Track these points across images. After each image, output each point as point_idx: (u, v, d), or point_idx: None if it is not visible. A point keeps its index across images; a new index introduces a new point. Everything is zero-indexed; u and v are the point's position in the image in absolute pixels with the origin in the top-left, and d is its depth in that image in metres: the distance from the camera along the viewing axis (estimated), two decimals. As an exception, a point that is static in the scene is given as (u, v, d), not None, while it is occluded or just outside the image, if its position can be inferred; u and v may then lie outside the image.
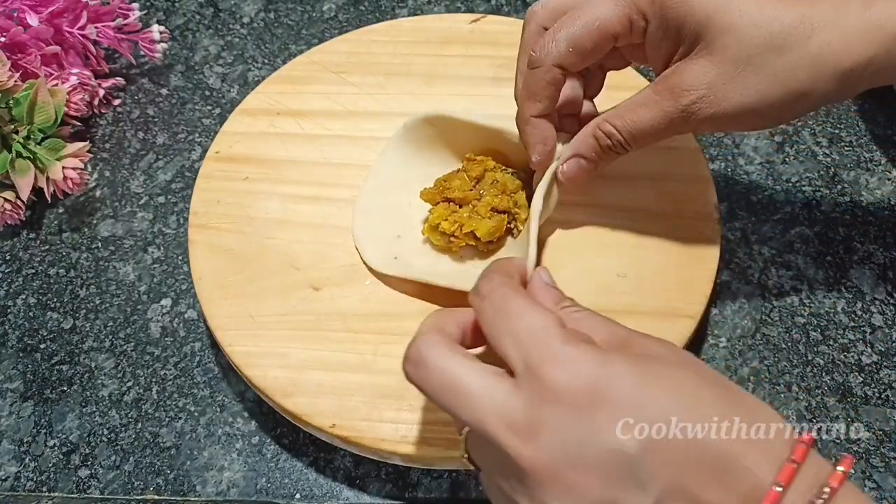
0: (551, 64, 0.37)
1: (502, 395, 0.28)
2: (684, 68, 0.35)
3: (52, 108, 0.51)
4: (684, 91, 0.35)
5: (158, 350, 0.48)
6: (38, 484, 0.44)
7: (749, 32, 0.33)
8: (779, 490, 0.26)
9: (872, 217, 0.51)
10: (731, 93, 0.34)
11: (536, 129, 0.39)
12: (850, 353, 0.46)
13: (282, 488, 0.43)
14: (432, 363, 0.29)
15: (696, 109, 0.35)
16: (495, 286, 0.31)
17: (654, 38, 0.36)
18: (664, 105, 0.36)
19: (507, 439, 0.27)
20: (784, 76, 0.34)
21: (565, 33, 0.36)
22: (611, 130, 0.38)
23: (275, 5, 0.63)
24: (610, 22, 0.36)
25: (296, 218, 0.46)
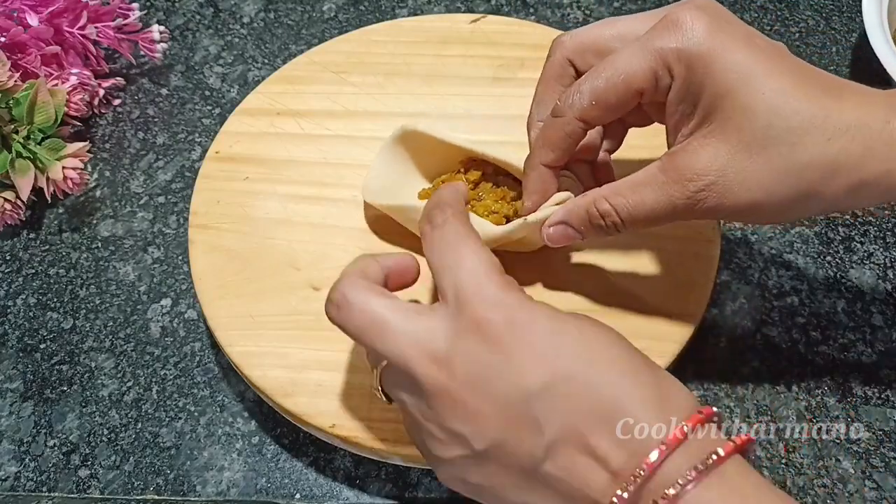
0: (573, 117, 0.35)
1: (423, 329, 0.30)
2: (696, 149, 0.33)
3: (52, 108, 0.51)
4: (694, 175, 0.33)
5: (158, 350, 0.48)
6: (38, 484, 0.44)
7: (767, 120, 0.32)
8: (663, 448, 0.27)
9: (872, 217, 0.51)
10: (738, 186, 0.32)
11: (541, 179, 0.38)
12: (850, 353, 0.46)
13: (282, 488, 0.43)
14: (355, 303, 0.31)
15: (702, 198, 0.33)
16: (448, 219, 0.32)
17: (675, 97, 0.34)
18: (670, 189, 0.34)
19: (424, 367, 0.29)
20: (796, 174, 0.32)
21: (589, 86, 0.35)
22: (607, 210, 0.36)
23: (275, 5, 0.63)
24: (636, 77, 0.34)
25: (296, 218, 0.46)
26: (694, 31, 0.33)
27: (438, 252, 0.32)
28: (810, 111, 0.31)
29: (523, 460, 0.29)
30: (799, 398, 0.45)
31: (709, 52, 0.32)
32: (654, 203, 0.34)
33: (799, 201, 0.32)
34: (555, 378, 0.28)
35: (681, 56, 0.33)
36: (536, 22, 0.59)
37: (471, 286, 0.30)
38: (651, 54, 0.33)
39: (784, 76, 0.32)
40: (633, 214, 0.35)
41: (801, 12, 0.61)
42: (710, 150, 0.33)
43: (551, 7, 0.62)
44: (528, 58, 0.52)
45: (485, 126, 0.49)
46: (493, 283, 0.30)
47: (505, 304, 0.30)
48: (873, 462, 0.43)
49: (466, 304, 0.30)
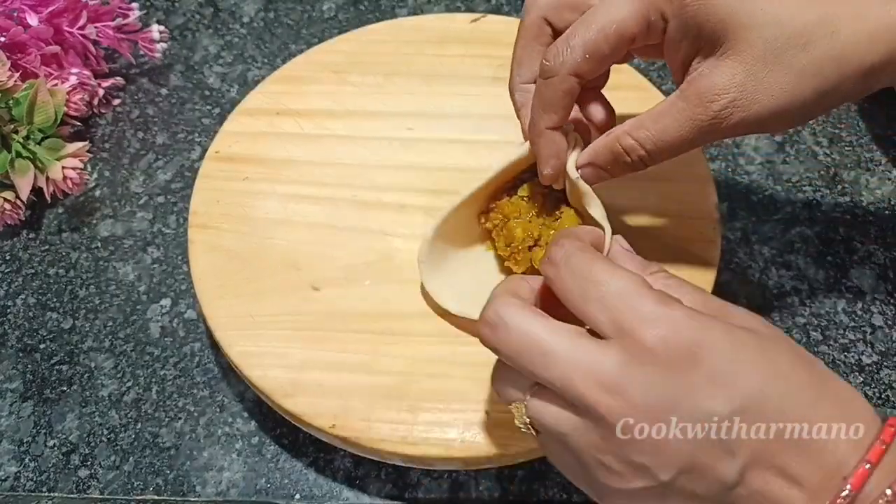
0: (567, 73, 0.35)
1: (591, 354, 0.28)
2: (711, 71, 0.33)
3: (51, 107, 0.51)
4: (715, 95, 0.33)
5: (158, 350, 0.48)
6: (37, 484, 0.44)
7: (773, 30, 0.32)
8: (867, 467, 0.26)
9: (872, 217, 0.51)
10: (761, 94, 0.33)
11: (551, 143, 0.37)
12: (850, 353, 0.46)
13: (282, 488, 0.43)
14: (513, 324, 0.29)
15: (727, 115, 0.33)
16: (570, 252, 0.31)
17: (674, 38, 0.34)
18: (693, 112, 0.33)
19: (597, 395, 0.27)
20: (812, 74, 0.32)
21: (580, 39, 0.34)
22: (632, 144, 0.35)
23: (275, 5, 0.63)
24: (626, 23, 0.34)
25: (296, 218, 0.46)
26: None
27: (575, 288, 0.30)
28: (811, 12, 0.32)
29: (713, 487, 0.27)
30: (799, 398, 0.45)
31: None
32: (678, 129, 0.34)
33: (820, 97, 0.33)
34: (743, 400, 0.27)
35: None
36: (536, 22, 0.59)
37: (626, 311, 0.28)
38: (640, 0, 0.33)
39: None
40: (659, 144, 0.34)
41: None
42: (727, 69, 0.33)
43: (551, 7, 0.62)
44: (528, 58, 0.52)
45: (484, 126, 0.49)
46: (648, 300, 0.28)
47: (670, 322, 0.28)
48: (873, 462, 0.43)
49: (629, 332, 0.28)
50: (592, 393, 0.27)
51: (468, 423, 0.39)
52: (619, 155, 0.36)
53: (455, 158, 0.48)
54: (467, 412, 0.39)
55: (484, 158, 0.48)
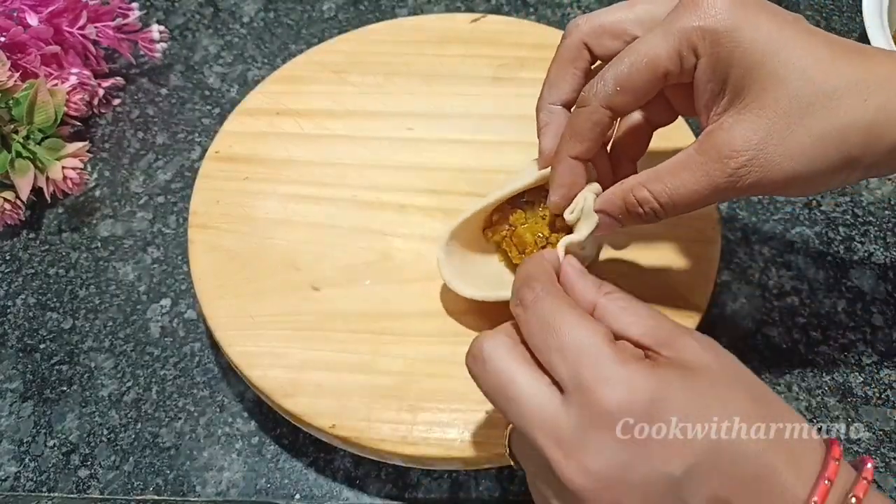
0: (598, 104, 0.34)
1: (553, 409, 0.28)
2: (732, 125, 0.32)
3: (51, 107, 0.51)
4: (733, 152, 0.32)
5: (158, 350, 0.48)
6: (37, 484, 0.44)
7: (801, 87, 0.31)
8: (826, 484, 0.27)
9: (872, 217, 0.51)
10: (781, 157, 0.31)
11: (570, 172, 0.37)
12: (850, 353, 0.46)
13: (282, 488, 0.43)
14: (490, 363, 0.30)
15: (744, 174, 0.32)
16: (539, 295, 0.31)
17: (702, 78, 0.33)
18: (710, 169, 0.32)
19: (553, 453, 0.28)
20: (837, 139, 0.31)
21: (612, 72, 0.34)
22: (646, 197, 0.34)
23: (275, 5, 0.63)
24: (659, 58, 0.33)
25: (296, 218, 0.46)
26: (715, 7, 0.32)
27: (538, 335, 0.30)
28: (843, 73, 0.31)
29: None
30: (799, 398, 0.45)
31: (734, 27, 0.32)
32: (693, 185, 0.33)
33: (841, 167, 0.32)
34: (697, 458, 0.27)
35: (705, 34, 0.32)
36: (536, 21, 0.59)
37: (584, 368, 0.28)
38: (674, 35, 0.33)
39: (811, 42, 0.31)
40: (674, 199, 0.34)
41: (801, 12, 0.61)
42: (748, 125, 0.32)
43: (551, 7, 0.62)
44: (528, 57, 0.52)
45: (484, 126, 0.49)
46: (606, 357, 0.28)
47: (627, 384, 0.27)
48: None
49: (588, 392, 0.27)
50: (551, 451, 0.28)
51: (468, 423, 0.39)
52: (631, 206, 0.35)
53: (455, 158, 0.48)
54: (467, 412, 0.39)
55: (484, 158, 0.48)
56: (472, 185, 0.47)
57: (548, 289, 0.31)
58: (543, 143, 0.38)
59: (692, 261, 0.43)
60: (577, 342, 0.29)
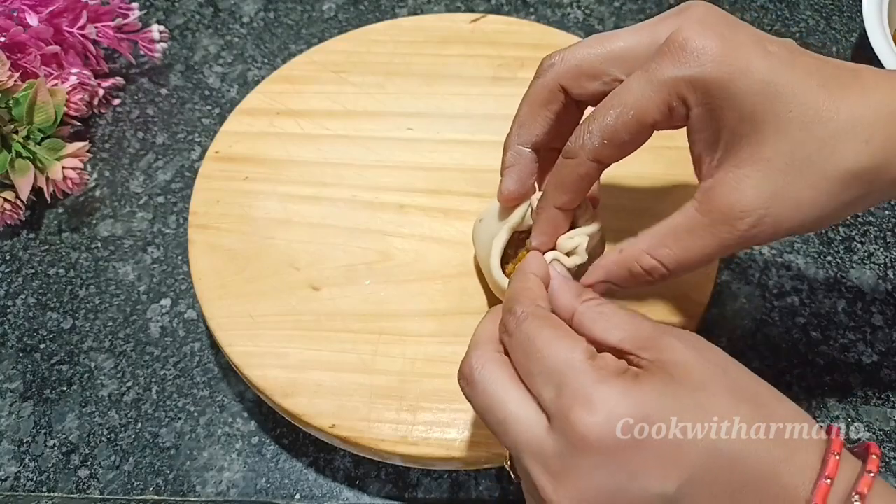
0: (586, 158, 0.33)
1: (540, 434, 0.28)
2: (734, 183, 0.31)
3: (51, 107, 0.51)
4: (741, 213, 0.31)
5: (158, 350, 0.48)
6: (37, 484, 0.44)
7: (801, 135, 0.30)
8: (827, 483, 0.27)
9: (872, 217, 0.51)
10: (789, 209, 0.31)
11: (552, 221, 0.36)
12: (850, 353, 0.46)
13: (282, 488, 0.43)
14: (480, 384, 0.30)
15: (756, 233, 0.31)
16: (520, 318, 0.30)
17: (696, 126, 0.32)
18: (719, 232, 0.32)
19: (539, 476, 0.28)
20: (842, 183, 0.30)
21: (598, 125, 0.32)
22: (654, 265, 0.33)
23: (275, 5, 0.63)
24: (647, 110, 0.32)
25: (296, 218, 0.46)
26: (705, 55, 0.30)
27: (523, 361, 0.29)
28: (841, 113, 0.30)
29: None
30: (799, 398, 0.45)
31: (725, 78, 0.30)
32: (702, 249, 0.32)
33: (848, 207, 0.31)
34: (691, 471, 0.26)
35: (695, 85, 0.31)
36: (536, 21, 0.59)
37: (565, 392, 0.27)
38: (662, 86, 0.31)
39: (807, 82, 0.30)
40: (682, 264, 0.33)
41: (801, 12, 0.61)
42: (751, 182, 0.31)
43: (551, 7, 0.62)
44: (528, 57, 0.52)
45: (485, 126, 0.49)
46: (587, 377, 0.27)
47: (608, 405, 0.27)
48: (873, 462, 0.43)
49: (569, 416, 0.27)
50: (540, 477, 0.28)
51: (468, 423, 0.39)
52: (638, 275, 0.34)
53: (455, 158, 0.48)
54: (467, 412, 0.39)
55: (484, 158, 0.48)
56: (472, 185, 0.47)
57: (528, 311, 0.30)
58: (505, 184, 0.38)
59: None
60: (556, 366, 0.28)
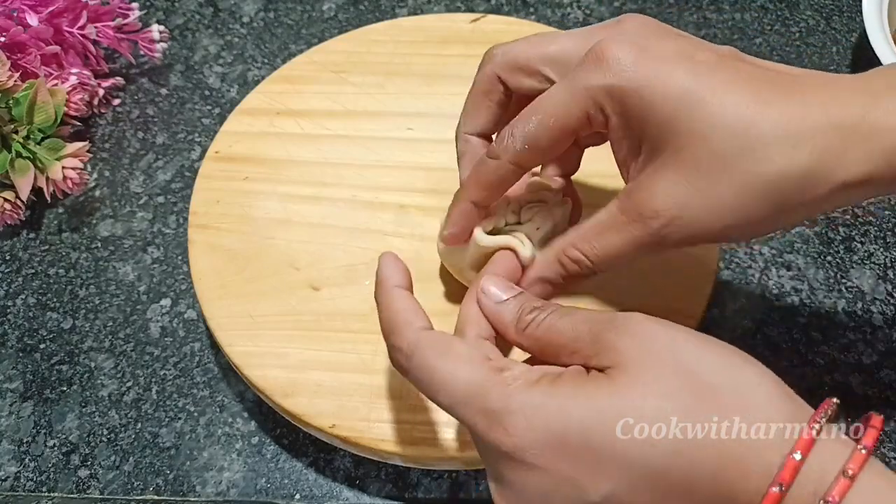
0: (506, 160, 0.34)
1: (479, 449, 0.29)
2: (650, 184, 0.31)
3: (51, 107, 0.51)
4: (653, 213, 0.30)
5: (158, 350, 0.48)
6: (37, 484, 0.44)
7: (721, 140, 0.29)
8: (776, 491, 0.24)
9: (872, 217, 0.51)
10: (705, 213, 0.30)
11: (466, 215, 0.36)
12: (850, 353, 0.46)
13: (282, 488, 0.43)
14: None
15: (668, 234, 0.31)
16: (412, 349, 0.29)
17: (616, 134, 0.32)
18: (633, 230, 0.31)
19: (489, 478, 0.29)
20: (765, 190, 0.29)
21: (520, 131, 0.33)
22: (578, 257, 0.33)
23: (275, 5, 0.63)
24: (567, 119, 0.32)
25: (296, 218, 0.46)
26: (620, 64, 0.30)
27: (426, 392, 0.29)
28: (769, 120, 0.28)
29: None
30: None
31: (642, 85, 0.30)
32: (620, 245, 0.32)
33: (777, 214, 0.30)
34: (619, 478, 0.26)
35: (611, 93, 0.31)
36: (536, 22, 0.59)
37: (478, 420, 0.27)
38: (580, 94, 0.31)
39: (732, 88, 0.29)
40: (603, 258, 0.33)
41: (801, 12, 0.61)
42: (666, 184, 0.30)
43: (551, 7, 0.62)
44: (528, 58, 0.52)
45: (485, 126, 0.49)
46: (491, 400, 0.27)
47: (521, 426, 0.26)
48: (873, 462, 0.43)
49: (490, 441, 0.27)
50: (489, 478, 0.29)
51: (468, 423, 0.39)
52: (567, 265, 0.34)
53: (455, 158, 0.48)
54: (467, 412, 0.39)
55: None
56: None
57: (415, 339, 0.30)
58: (461, 174, 0.39)
59: (692, 261, 0.43)
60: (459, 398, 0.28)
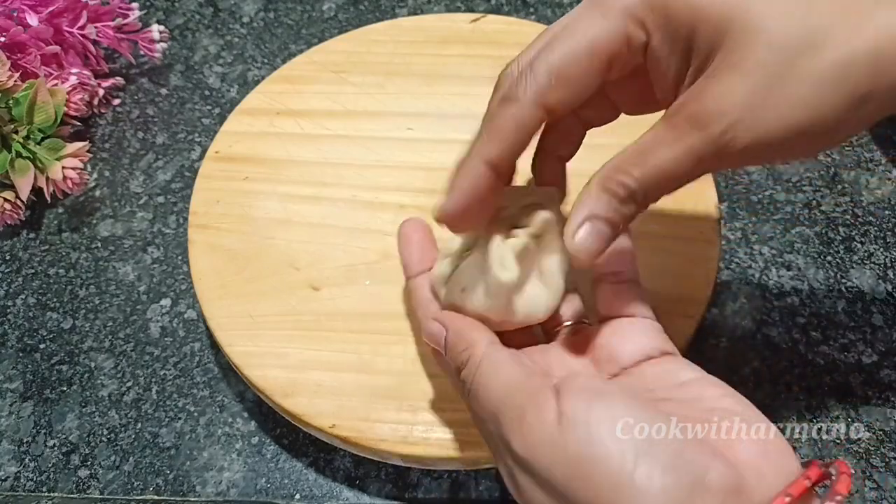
0: (530, 101, 0.28)
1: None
2: (704, 90, 0.27)
3: (51, 107, 0.51)
4: (712, 118, 0.26)
5: (158, 350, 0.48)
6: (37, 484, 0.44)
7: (782, 31, 0.25)
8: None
9: (872, 217, 0.51)
10: (773, 111, 0.26)
11: (474, 176, 0.30)
12: (850, 353, 0.46)
13: (282, 488, 0.43)
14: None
15: (730, 139, 0.26)
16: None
17: (659, 55, 0.28)
18: (689, 140, 0.27)
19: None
20: (835, 79, 0.25)
21: (543, 63, 0.28)
22: (625, 181, 0.28)
23: (275, 5, 0.63)
24: (602, 41, 0.28)
25: (296, 218, 0.46)
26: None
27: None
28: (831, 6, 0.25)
29: None
30: (799, 398, 0.45)
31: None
32: (675, 160, 0.27)
33: (847, 108, 0.26)
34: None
35: (653, 5, 0.27)
36: (536, 21, 0.59)
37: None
38: (615, 13, 0.28)
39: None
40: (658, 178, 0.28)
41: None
42: (727, 86, 0.26)
43: (551, 7, 0.62)
44: (528, 57, 0.52)
45: (485, 126, 0.49)
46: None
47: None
48: (873, 462, 0.43)
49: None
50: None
51: (468, 424, 0.39)
52: (615, 193, 0.28)
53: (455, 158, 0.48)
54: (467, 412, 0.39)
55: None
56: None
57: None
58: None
59: (692, 261, 0.43)
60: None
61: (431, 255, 0.36)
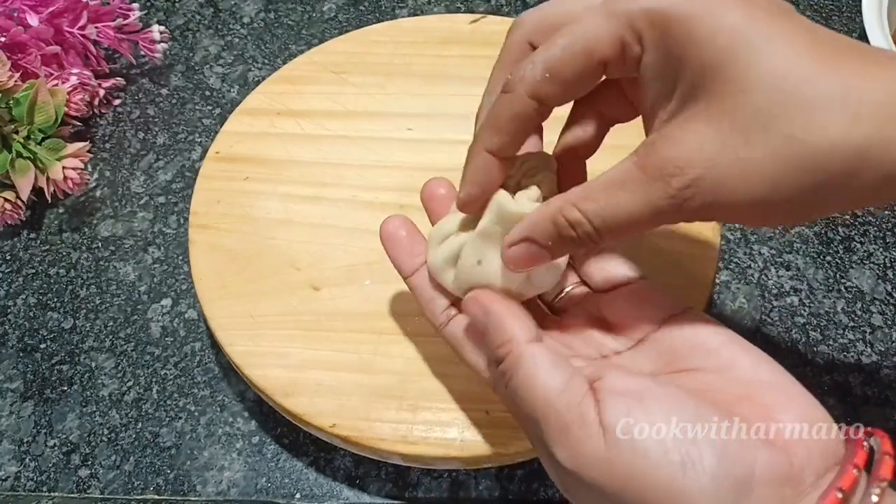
0: (523, 92, 0.29)
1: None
2: (677, 135, 0.26)
3: (52, 108, 0.51)
4: (676, 169, 0.25)
5: (158, 350, 0.48)
6: (38, 484, 0.44)
7: (770, 93, 0.24)
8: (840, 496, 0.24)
9: (872, 217, 0.51)
10: (733, 177, 0.25)
11: (483, 168, 0.31)
12: (850, 353, 0.46)
13: (282, 488, 0.43)
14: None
15: (689, 196, 0.26)
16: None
17: (649, 72, 0.27)
18: (650, 189, 0.26)
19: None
20: (810, 163, 0.24)
21: (543, 56, 0.28)
22: (578, 219, 0.28)
23: (275, 5, 0.63)
24: (597, 43, 0.27)
25: (296, 218, 0.46)
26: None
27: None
28: (828, 81, 0.24)
29: None
30: (799, 398, 0.45)
31: (690, 14, 0.25)
32: (630, 206, 0.27)
33: (815, 197, 0.24)
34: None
35: (654, 19, 0.26)
36: (536, 22, 0.59)
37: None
38: (617, 16, 0.27)
39: (792, 39, 0.25)
40: (608, 222, 0.27)
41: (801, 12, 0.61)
42: (696, 136, 0.25)
43: (551, 7, 0.62)
44: (528, 58, 0.52)
45: (485, 126, 0.49)
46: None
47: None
48: (873, 462, 0.43)
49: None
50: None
51: (468, 423, 0.39)
52: (562, 228, 0.28)
53: (455, 158, 0.48)
54: (467, 412, 0.39)
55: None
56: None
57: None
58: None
59: (691, 261, 0.43)
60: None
61: (420, 247, 0.36)
